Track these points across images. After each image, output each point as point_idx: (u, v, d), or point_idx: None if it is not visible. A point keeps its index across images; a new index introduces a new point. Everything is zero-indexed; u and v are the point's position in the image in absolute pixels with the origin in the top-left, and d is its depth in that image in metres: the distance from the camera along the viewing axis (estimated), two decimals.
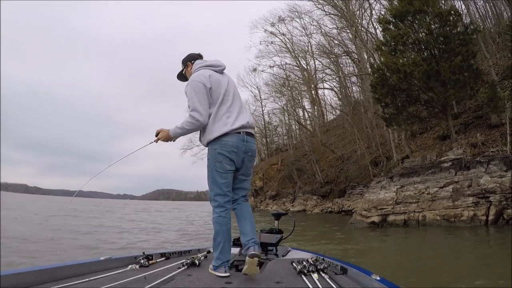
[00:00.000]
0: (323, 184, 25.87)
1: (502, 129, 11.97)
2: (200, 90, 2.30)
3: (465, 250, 7.30)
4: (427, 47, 13.75)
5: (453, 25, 13.46)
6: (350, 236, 11.12)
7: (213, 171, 2.30)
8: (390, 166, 17.75)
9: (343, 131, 30.03)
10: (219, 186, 2.30)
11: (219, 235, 2.25)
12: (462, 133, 13.48)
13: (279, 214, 3.53)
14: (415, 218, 11.41)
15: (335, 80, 34.78)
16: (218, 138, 2.29)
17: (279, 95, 36.45)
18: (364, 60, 24.87)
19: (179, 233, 12.44)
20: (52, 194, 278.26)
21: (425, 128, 17.84)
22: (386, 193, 12.93)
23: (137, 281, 1.88)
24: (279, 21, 34.14)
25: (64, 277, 1.87)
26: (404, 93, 14.25)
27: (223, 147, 2.28)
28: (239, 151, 2.32)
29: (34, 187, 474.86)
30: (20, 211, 21.35)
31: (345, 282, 1.89)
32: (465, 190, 10.60)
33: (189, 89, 2.32)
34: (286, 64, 36.12)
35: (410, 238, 9.80)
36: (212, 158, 2.30)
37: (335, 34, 30.39)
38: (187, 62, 2.62)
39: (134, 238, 10.34)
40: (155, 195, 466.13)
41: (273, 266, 2.40)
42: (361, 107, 26.79)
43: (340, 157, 26.04)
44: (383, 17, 16.64)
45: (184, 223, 17.77)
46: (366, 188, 17.11)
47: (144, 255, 2.45)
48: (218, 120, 2.32)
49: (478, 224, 9.82)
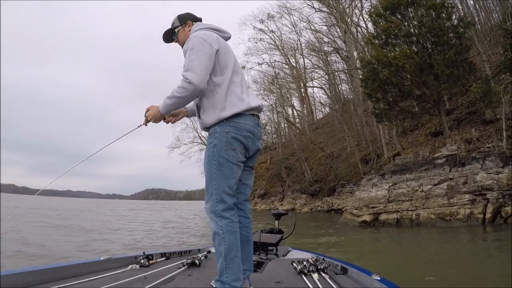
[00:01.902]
0: (312, 183, 25.53)
1: (497, 125, 11.58)
2: (203, 48, 1.75)
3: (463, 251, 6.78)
4: (419, 40, 13.30)
5: (446, 18, 13.04)
6: (341, 235, 10.56)
7: (223, 162, 1.73)
8: (381, 163, 17.30)
9: (333, 128, 29.70)
10: (228, 182, 1.74)
11: (233, 248, 1.68)
12: (455, 129, 13.07)
13: (280, 214, 3.43)
14: (408, 217, 10.89)
15: (324, 78, 34.51)
16: (232, 118, 1.76)
17: (268, 92, 35.87)
18: (353, 57, 24.56)
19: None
20: (41, 194, 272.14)
21: (416, 125, 17.46)
22: (378, 191, 12.44)
23: (138, 281, 1.87)
24: (268, 18, 33.73)
25: (65, 277, 1.85)
26: (396, 87, 13.77)
27: (239, 131, 1.76)
28: (254, 137, 1.84)
29: (23, 187, 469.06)
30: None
31: (345, 282, 1.87)
32: (460, 187, 10.14)
33: (190, 45, 1.77)
34: (275, 61, 35.59)
35: (405, 238, 9.28)
36: (222, 144, 1.74)
37: (325, 31, 30.15)
38: (187, 20, 2.01)
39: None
40: (144, 194, 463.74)
41: (273, 266, 2.36)
42: (351, 105, 26.50)
43: (329, 155, 25.66)
44: (374, 10, 16.19)
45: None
46: (357, 186, 16.64)
47: (144, 255, 2.40)
48: (231, 93, 1.79)
49: (474, 222, 9.34)
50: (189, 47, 1.76)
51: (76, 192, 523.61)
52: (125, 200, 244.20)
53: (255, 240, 2.73)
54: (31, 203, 28.79)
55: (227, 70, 1.81)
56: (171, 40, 2.04)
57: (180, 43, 1.99)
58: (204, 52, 1.73)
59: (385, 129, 18.39)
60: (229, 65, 1.83)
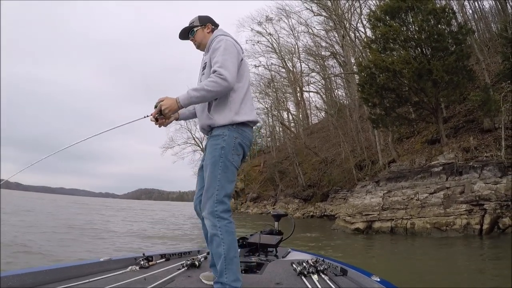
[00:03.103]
0: (306, 187, 25.20)
1: (496, 134, 11.33)
2: (234, 53, 1.85)
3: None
4: (418, 45, 13.05)
5: (447, 23, 12.83)
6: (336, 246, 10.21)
7: (229, 165, 1.80)
8: (376, 170, 17.00)
9: (327, 133, 29.41)
10: (231, 185, 1.82)
11: (232, 249, 1.73)
12: (452, 137, 12.80)
13: (279, 215, 3.43)
14: (403, 226, 10.55)
15: (320, 83, 34.29)
16: (240, 125, 1.84)
17: (264, 95, 35.54)
18: (350, 62, 24.35)
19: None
20: (33, 191, 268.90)
21: (412, 132, 17.21)
22: (372, 198, 12.11)
23: (137, 282, 1.86)
24: (267, 20, 33.40)
25: (64, 278, 1.84)
26: (393, 93, 13.50)
27: (243, 139, 1.87)
28: (250, 147, 1.97)
29: (15, 183, 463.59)
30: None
31: (345, 283, 1.86)
32: (457, 196, 9.83)
33: (223, 45, 1.84)
34: (272, 64, 35.28)
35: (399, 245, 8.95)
36: (230, 148, 1.80)
37: (323, 35, 29.96)
38: (207, 23, 2.08)
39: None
40: (137, 194, 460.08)
41: (273, 268, 2.34)
42: (347, 110, 26.26)
43: (323, 160, 25.37)
44: (373, 14, 15.94)
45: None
46: (350, 192, 16.33)
47: (144, 256, 2.38)
48: (246, 101, 1.90)
49: (471, 233, 9.01)
50: (223, 46, 1.82)
51: (69, 190, 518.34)
52: (119, 199, 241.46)
53: (255, 242, 2.85)
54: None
55: (243, 79, 1.90)
56: (187, 38, 2.10)
57: (196, 43, 2.07)
58: (235, 55, 1.83)
59: (380, 135, 18.11)
60: (246, 76, 1.94)
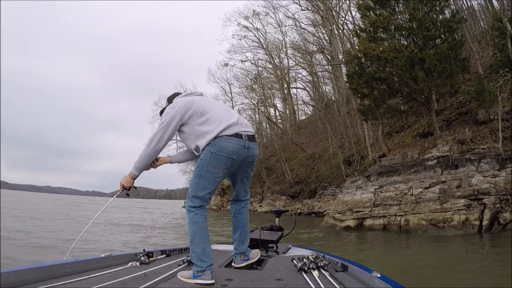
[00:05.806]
0: (293, 184, 24.61)
1: (491, 125, 10.82)
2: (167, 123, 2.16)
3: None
4: (410, 34, 12.44)
5: (439, 11, 12.27)
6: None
7: (203, 174, 1.99)
8: (365, 165, 16.40)
9: (315, 129, 28.87)
10: (203, 191, 2.01)
11: (196, 235, 1.95)
12: (445, 130, 12.25)
13: (280, 212, 3.42)
14: (396, 223, 9.92)
15: (307, 78, 33.73)
16: (217, 138, 1.99)
17: (250, 91, 34.72)
18: (338, 57, 23.81)
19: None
20: (20, 189, 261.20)
21: (402, 126, 16.68)
22: (363, 194, 11.47)
23: (138, 278, 1.83)
24: (254, 15, 32.60)
25: (65, 274, 1.81)
26: (384, 83, 12.88)
27: (220, 150, 1.97)
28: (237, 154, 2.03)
29: (3, 182, 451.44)
30: None
31: (345, 279, 1.80)
32: (454, 191, 9.23)
33: (162, 120, 2.21)
34: (258, 59, 34.47)
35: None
36: (206, 160, 1.98)
37: (311, 31, 29.43)
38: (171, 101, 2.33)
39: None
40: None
41: (273, 263, 2.31)
42: (335, 105, 25.73)
43: (311, 155, 24.77)
44: (362, 3, 15.30)
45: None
46: (339, 188, 15.72)
47: (145, 252, 2.36)
48: (212, 121, 2.09)
49: (470, 230, 8.40)
50: (162, 121, 2.19)
51: (56, 188, 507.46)
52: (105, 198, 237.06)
53: (256, 238, 2.81)
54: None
55: (200, 113, 2.17)
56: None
57: None
58: (169, 124, 2.19)
59: (370, 129, 17.54)
60: (199, 106, 2.15)
